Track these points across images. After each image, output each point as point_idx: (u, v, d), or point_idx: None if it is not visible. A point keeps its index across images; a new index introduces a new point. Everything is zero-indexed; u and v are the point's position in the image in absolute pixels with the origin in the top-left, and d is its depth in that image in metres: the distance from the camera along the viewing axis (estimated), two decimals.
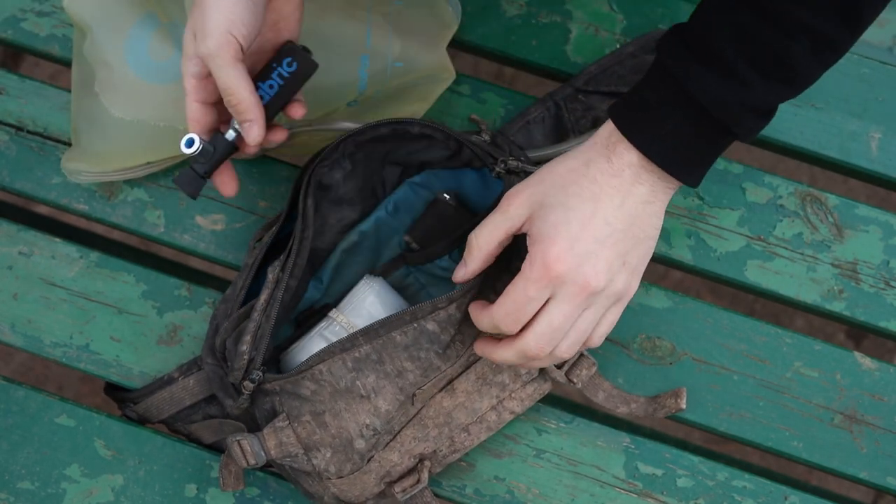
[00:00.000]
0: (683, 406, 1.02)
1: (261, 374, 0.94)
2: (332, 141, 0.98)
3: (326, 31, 1.04)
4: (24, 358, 1.64)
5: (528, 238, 0.87)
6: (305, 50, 0.93)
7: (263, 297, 0.95)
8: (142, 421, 1.05)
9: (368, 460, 0.95)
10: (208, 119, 0.91)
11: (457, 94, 1.10)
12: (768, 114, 0.85)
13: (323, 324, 0.99)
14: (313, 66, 0.93)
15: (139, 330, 1.06)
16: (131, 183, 1.09)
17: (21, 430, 1.05)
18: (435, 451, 0.98)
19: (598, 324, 0.89)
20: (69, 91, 1.10)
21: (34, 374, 1.64)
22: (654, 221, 0.87)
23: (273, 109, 0.93)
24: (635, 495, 1.03)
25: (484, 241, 0.89)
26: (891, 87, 1.10)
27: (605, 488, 1.04)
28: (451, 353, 0.94)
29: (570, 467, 1.04)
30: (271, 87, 0.92)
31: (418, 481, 0.97)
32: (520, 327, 0.88)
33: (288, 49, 0.92)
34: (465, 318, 0.94)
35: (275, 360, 1.01)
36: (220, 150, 0.92)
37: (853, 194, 1.64)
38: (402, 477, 0.98)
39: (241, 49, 0.87)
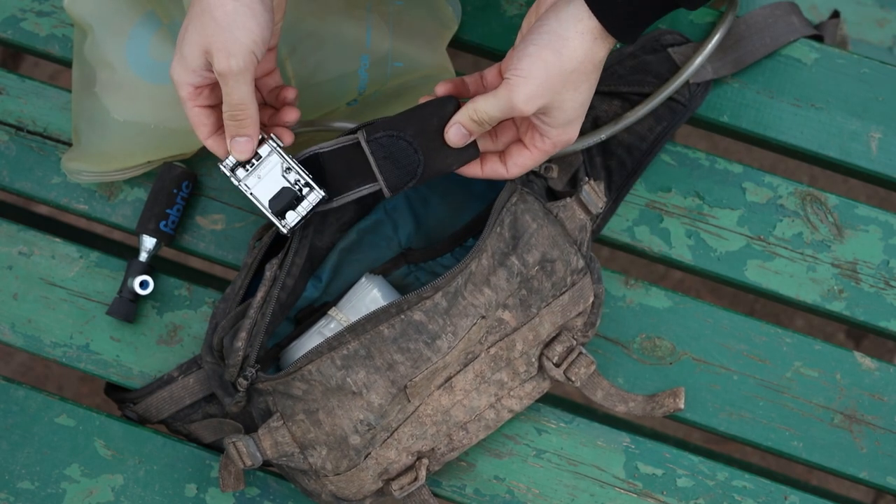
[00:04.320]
0: (682, 406, 1.02)
1: (254, 371, 0.94)
2: None
3: (326, 31, 1.04)
4: (24, 358, 1.64)
5: None
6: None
7: (260, 294, 0.95)
8: (142, 421, 1.05)
9: (366, 457, 0.95)
10: (213, 121, 0.92)
11: None
12: None
13: (322, 322, 0.99)
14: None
15: (139, 330, 1.06)
16: (131, 183, 1.09)
17: (21, 430, 1.05)
18: (433, 449, 0.98)
19: None
20: (69, 91, 1.10)
21: (34, 374, 1.64)
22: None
23: None
24: (635, 495, 1.03)
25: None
26: (891, 87, 1.10)
27: (605, 488, 1.04)
28: (441, 345, 0.94)
29: (570, 467, 1.04)
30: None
31: (416, 479, 0.97)
32: None
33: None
34: (456, 310, 0.94)
35: (275, 357, 1.01)
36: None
37: (853, 194, 1.64)
38: (399, 474, 0.98)
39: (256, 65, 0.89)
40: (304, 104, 1.05)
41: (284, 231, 0.93)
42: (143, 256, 1.05)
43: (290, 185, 0.93)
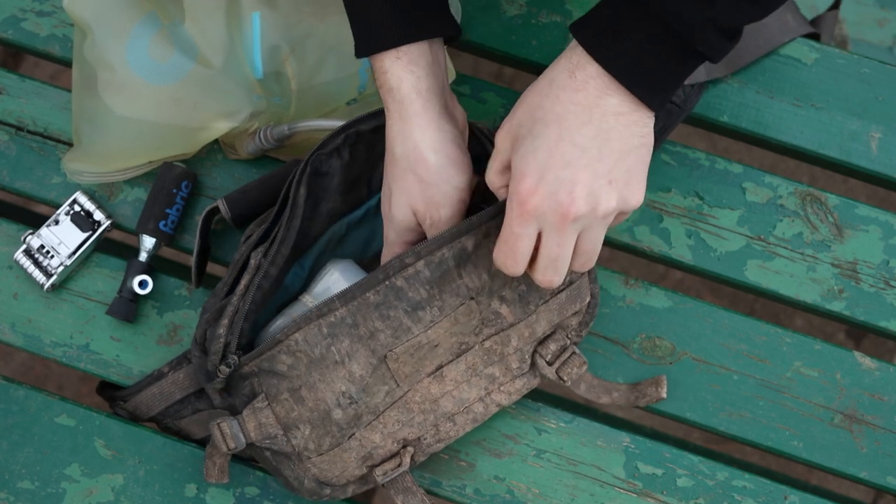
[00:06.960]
0: (664, 394, 1.02)
1: (236, 358, 0.94)
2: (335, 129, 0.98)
3: (327, 31, 1.04)
4: (24, 358, 1.64)
5: None
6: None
7: (243, 282, 0.95)
8: (133, 418, 1.05)
9: (350, 437, 0.95)
10: None
11: (457, 94, 1.10)
12: (734, 36, 0.82)
13: (294, 306, 0.99)
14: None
15: (139, 329, 1.06)
16: (131, 183, 1.09)
17: (21, 429, 1.05)
18: (419, 439, 0.98)
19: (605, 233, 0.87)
20: (69, 91, 1.10)
21: (34, 374, 1.64)
22: (635, 130, 0.83)
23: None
24: (635, 495, 1.03)
25: (490, 178, 0.89)
26: (891, 87, 1.10)
27: (605, 488, 1.04)
28: (423, 316, 0.94)
29: (570, 467, 1.04)
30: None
31: (399, 465, 0.97)
32: (522, 266, 0.87)
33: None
34: (447, 287, 0.94)
35: (251, 346, 1.01)
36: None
37: (853, 194, 1.64)
38: (384, 461, 0.98)
39: None
40: (304, 104, 1.05)
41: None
42: (143, 256, 1.06)
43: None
